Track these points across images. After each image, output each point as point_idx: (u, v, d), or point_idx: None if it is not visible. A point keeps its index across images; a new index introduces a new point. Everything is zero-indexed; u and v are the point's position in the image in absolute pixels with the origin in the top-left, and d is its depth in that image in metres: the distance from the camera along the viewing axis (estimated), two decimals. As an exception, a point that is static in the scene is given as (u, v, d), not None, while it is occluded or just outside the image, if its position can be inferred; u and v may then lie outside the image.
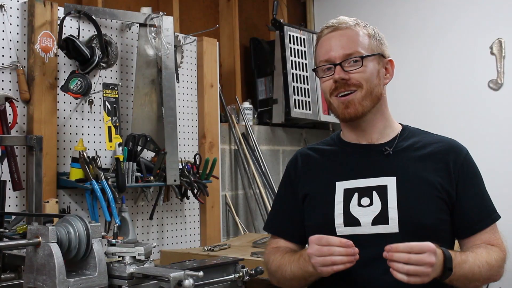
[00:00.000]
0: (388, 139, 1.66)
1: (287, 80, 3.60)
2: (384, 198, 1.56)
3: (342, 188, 1.61)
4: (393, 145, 1.63)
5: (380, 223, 1.54)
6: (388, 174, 1.58)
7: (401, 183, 1.56)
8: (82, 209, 2.58)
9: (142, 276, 1.54)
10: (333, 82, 1.59)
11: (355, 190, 1.60)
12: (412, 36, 3.78)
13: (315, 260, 1.45)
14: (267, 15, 4.03)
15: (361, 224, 1.56)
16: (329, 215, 1.59)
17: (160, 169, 2.71)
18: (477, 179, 1.63)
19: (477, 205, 1.60)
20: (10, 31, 2.40)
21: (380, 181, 1.58)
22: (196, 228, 3.09)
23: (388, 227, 1.53)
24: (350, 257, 1.42)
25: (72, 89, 2.45)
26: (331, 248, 1.43)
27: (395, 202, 1.54)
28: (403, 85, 3.63)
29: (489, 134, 3.44)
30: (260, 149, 3.51)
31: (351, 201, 1.59)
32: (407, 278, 1.37)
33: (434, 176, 1.58)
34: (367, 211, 1.56)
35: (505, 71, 3.44)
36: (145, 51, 2.79)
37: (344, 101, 1.59)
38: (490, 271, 1.51)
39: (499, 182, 3.28)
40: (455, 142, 1.67)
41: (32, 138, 2.17)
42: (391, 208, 1.54)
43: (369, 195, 1.57)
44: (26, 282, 1.46)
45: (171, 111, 2.80)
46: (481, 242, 1.57)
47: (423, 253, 1.37)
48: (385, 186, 1.57)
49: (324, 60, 1.61)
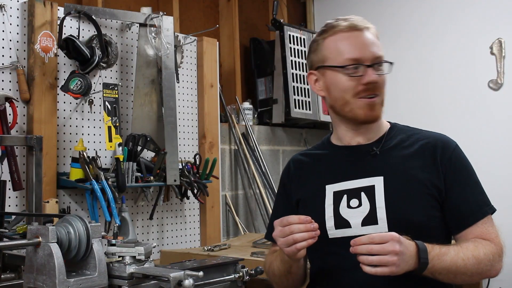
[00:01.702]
0: (376, 138, 1.65)
1: (287, 80, 3.60)
2: (372, 199, 1.55)
3: (332, 191, 1.61)
4: (380, 145, 1.63)
5: (369, 223, 1.54)
6: (375, 174, 1.57)
7: (389, 183, 1.55)
8: (82, 209, 2.58)
9: (142, 276, 1.54)
10: (362, 84, 1.55)
11: (344, 192, 1.59)
12: (412, 36, 3.78)
13: (280, 242, 1.46)
14: (267, 15, 4.03)
15: (351, 226, 1.56)
16: (320, 218, 1.58)
17: (160, 169, 2.71)
18: (467, 172, 1.60)
19: (468, 198, 1.56)
20: (10, 31, 2.40)
21: (367, 182, 1.57)
22: (196, 228, 3.09)
23: (378, 227, 1.52)
24: (310, 233, 1.42)
25: (72, 89, 2.46)
26: (291, 226, 1.43)
27: (383, 202, 1.54)
28: (403, 85, 3.63)
29: (489, 134, 3.44)
30: (260, 149, 3.51)
31: (340, 203, 1.58)
32: (374, 270, 1.37)
33: (422, 173, 1.56)
34: (357, 213, 1.56)
35: (505, 71, 3.44)
36: (145, 51, 2.79)
37: (371, 103, 1.57)
38: (479, 265, 1.48)
39: (499, 182, 3.28)
40: (443, 136, 1.65)
41: (32, 138, 2.16)
42: (379, 208, 1.53)
43: (357, 196, 1.57)
44: (26, 282, 1.46)
45: (171, 111, 2.80)
46: (473, 237, 1.54)
47: (385, 243, 1.36)
48: (372, 186, 1.56)
49: (353, 59, 1.55)
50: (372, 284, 1.50)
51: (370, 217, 1.54)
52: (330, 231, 1.58)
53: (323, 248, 1.57)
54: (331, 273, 1.60)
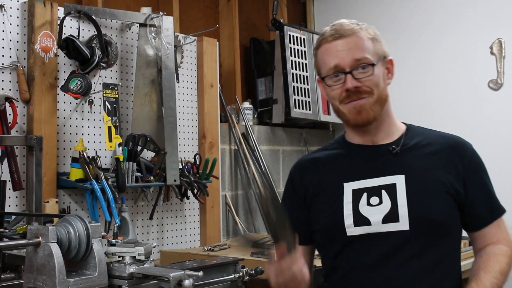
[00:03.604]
0: (394, 139, 1.67)
1: (287, 80, 3.60)
2: (393, 196, 1.57)
3: (351, 189, 1.62)
4: (400, 144, 1.65)
5: (390, 221, 1.55)
6: (396, 173, 1.59)
7: (410, 181, 1.58)
8: (82, 209, 2.58)
9: (142, 276, 1.55)
10: (344, 91, 1.58)
11: (364, 190, 1.60)
12: (412, 36, 3.78)
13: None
14: (267, 15, 4.02)
15: (372, 223, 1.57)
16: (338, 216, 1.59)
17: (160, 169, 2.71)
18: (484, 173, 1.66)
19: (485, 199, 1.62)
20: (10, 31, 2.39)
21: (388, 180, 1.59)
22: (196, 228, 3.09)
23: (399, 225, 1.54)
24: None
25: (72, 89, 2.45)
26: None
27: (404, 200, 1.55)
28: (403, 85, 3.62)
29: (489, 134, 3.44)
30: (260, 149, 3.51)
31: (360, 201, 1.60)
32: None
33: (442, 172, 1.60)
34: (377, 210, 1.57)
35: (505, 71, 3.44)
36: (145, 51, 2.79)
37: (356, 106, 1.58)
38: (505, 277, 1.56)
39: (499, 182, 3.27)
40: (460, 138, 1.69)
41: (32, 138, 2.17)
42: (401, 206, 1.55)
43: (378, 194, 1.58)
44: (26, 282, 1.46)
45: (171, 111, 2.80)
46: (489, 238, 1.60)
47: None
48: (394, 184, 1.58)
49: (333, 68, 1.59)
50: (392, 280, 1.52)
51: (391, 214, 1.56)
52: (348, 229, 1.58)
53: (339, 245, 1.60)
54: (348, 271, 1.60)
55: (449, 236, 1.56)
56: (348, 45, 1.59)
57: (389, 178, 1.59)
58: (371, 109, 1.59)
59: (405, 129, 1.70)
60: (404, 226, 1.54)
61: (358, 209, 1.59)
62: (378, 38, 1.64)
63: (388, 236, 1.54)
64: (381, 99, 1.61)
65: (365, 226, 1.57)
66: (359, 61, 1.57)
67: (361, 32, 1.61)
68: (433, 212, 1.56)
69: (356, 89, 1.57)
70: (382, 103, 1.61)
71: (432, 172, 1.59)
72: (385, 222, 1.56)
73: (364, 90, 1.58)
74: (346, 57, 1.57)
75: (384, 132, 1.67)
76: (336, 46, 1.59)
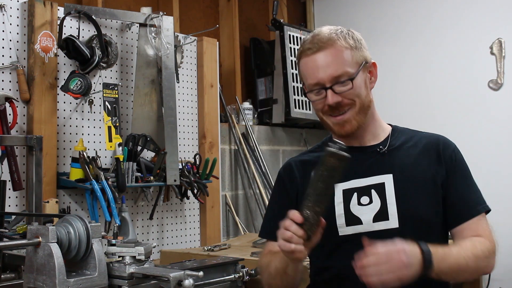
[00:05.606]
0: (381, 140, 1.71)
1: (287, 80, 3.60)
2: (382, 195, 1.60)
3: (341, 189, 1.64)
4: (387, 145, 1.68)
5: (380, 219, 1.59)
6: (384, 172, 1.63)
7: (398, 180, 1.61)
8: (82, 209, 2.58)
9: (142, 276, 1.55)
10: (326, 105, 1.61)
11: (354, 190, 1.64)
12: (412, 36, 3.77)
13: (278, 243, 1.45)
14: (267, 15, 4.03)
15: (363, 222, 1.60)
16: (330, 216, 1.59)
17: (160, 169, 2.71)
18: (466, 171, 1.68)
19: (465, 195, 1.64)
20: (10, 31, 2.39)
21: (377, 179, 1.63)
22: (196, 228, 3.09)
23: (389, 223, 1.58)
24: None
25: (72, 89, 2.46)
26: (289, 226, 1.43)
27: (393, 198, 1.59)
28: (403, 85, 3.63)
29: (489, 134, 3.44)
30: (260, 149, 3.51)
31: (351, 201, 1.63)
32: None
33: (428, 170, 1.63)
34: (368, 209, 1.61)
35: (505, 71, 3.44)
36: (145, 51, 2.79)
37: (340, 121, 1.62)
38: (477, 262, 1.54)
39: (499, 182, 3.29)
40: (443, 137, 1.73)
41: (32, 138, 2.17)
42: (390, 204, 1.59)
43: (368, 193, 1.62)
44: (26, 282, 1.46)
45: (171, 111, 2.80)
46: (469, 232, 1.61)
47: (392, 259, 1.39)
48: (382, 183, 1.62)
49: (314, 84, 1.61)
50: None
51: (381, 213, 1.59)
52: (340, 228, 1.62)
53: (331, 245, 1.61)
54: (340, 270, 1.61)
55: (437, 232, 1.61)
56: (326, 60, 1.59)
57: (378, 178, 1.63)
58: (355, 119, 1.62)
59: (390, 130, 1.74)
60: (394, 224, 1.58)
61: (349, 209, 1.62)
62: (358, 44, 1.63)
63: (379, 235, 1.55)
64: (364, 107, 1.63)
65: (356, 225, 1.60)
66: (339, 76, 1.58)
67: (340, 41, 1.60)
68: (421, 209, 1.59)
69: (337, 104, 1.60)
70: (366, 110, 1.64)
71: (419, 170, 1.63)
72: (376, 221, 1.59)
73: (346, 103, 1.60)
74: (325, 74, 1.59)
75: (370, 135, 1.70)
76: (315, 61, 1.60)
